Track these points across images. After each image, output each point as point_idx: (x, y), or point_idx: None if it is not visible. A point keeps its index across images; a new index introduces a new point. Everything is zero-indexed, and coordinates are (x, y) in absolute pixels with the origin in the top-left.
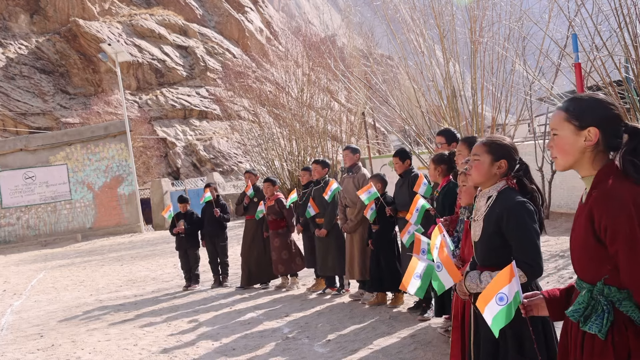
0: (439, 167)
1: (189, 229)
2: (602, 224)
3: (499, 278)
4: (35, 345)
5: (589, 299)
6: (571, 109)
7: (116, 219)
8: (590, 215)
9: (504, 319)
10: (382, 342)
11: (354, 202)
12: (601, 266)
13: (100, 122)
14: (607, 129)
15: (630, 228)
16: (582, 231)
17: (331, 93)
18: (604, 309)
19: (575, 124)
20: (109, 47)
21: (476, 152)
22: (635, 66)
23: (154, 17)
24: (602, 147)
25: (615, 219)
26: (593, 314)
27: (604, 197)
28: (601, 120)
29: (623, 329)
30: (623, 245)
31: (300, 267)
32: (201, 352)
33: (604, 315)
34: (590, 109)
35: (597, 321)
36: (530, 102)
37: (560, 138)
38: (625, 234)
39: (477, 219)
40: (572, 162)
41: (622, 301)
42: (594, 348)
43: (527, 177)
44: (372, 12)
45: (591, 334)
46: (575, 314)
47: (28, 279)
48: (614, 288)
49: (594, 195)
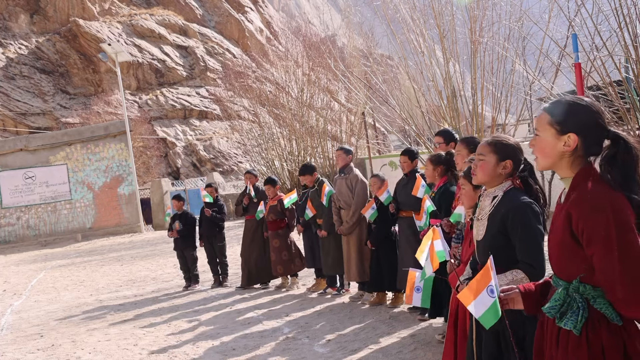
0: (437, 168)
1: (183, 231)
2: (580, 226)
3: (484, 272)
4: (35, 345)
5: (565, 296)
6: (554, 112)
7: (116, 219)
8: (569, 216)
9: (497, 312)
10: (382, 342)
11: (348, 203)
12: (577, 265)
13: (100, 122)
14: (588, 136)
15: (607, 231)
16: (560, 231)
17: (331, 93)
18: (579, 306)
19: (556, 128)
20: (109, 47)
21: (481, 152)
22: (635, 66)
23: (154, 17)
24: (581, 153)
25: (593, 222)
26: (569, 310)
27: (582, 199)
28: (582, 127)
29: (597, 325)
30: (599, 247)
31: (300, 268)
32: (201, 352)
33: (579, 312)
34: (573, 115)
35: (572, 317)
36: (530, 102)
37: (541, 140)
38: (602, 237)
39: (481, 218)
40: (550, 163)
41: (596, 298)
42: (568, 343)
43: (533, 178)
44: (372, 12)
45: (566, 330)
46: (552, 310)
47: (28, 279)
48: (589, 286)
49: (572, 197)
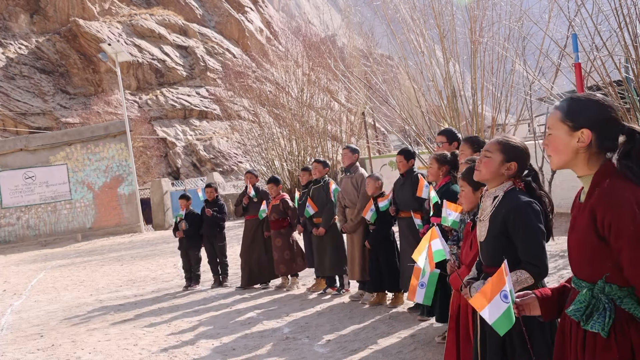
0: (442, 167)
1: (189, 231)
2: (606, 221)
3: (498, 276)
4: (35, 345)
5: (590, 298)
6: (566, 109)
7: (116, 219)
8: (593, 213)
9: (511, 317)
10: (382, 342)
11: (353, 202)
12: (602, 264)
13: (100, 122)
14: (601, 131)
15: (635, 225)
16: (584, 230)
17: (331, 93)
18: (606, 307)
19: (569, 125)
20: (109, 47)
21: (488, 149)
22: (635, 66)
23: (154, 17)
24: (596, 149)
25: (620, 216)
26: (595, 312)
27: (607, 195)
28: (595, 122)
29: (625, 327)
30: (627, 241)
31: (302, 268)
32: (201, 352)
33: (605, 314)
34: (585, 110)
35: (600, 320)
36: (530, 102)
37: (554, 137)
38: (630, 231)
39: (483, 219)
40: (565, 161)
41: (623, 299)
42: (596, 347)
43: (537, 183)
44: (372, 12)
45: (592, 333)
46: (577, 313)
47: (28, 279)
48: (615, 286)
49: (596, 194)
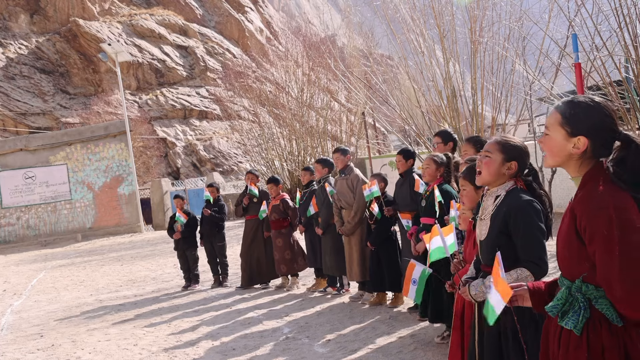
0: (440, 169)
1: (185, 232)
2: (583, 223)
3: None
4: (35, 345)
5: (567, 295)
6: (566, 113)
7: (116, 219)
8: (573, 214)
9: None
10: (382, 342)
11: (349, 204)
12: (581, 264)
13: (100, 122)
14: (598, 139)
15: (608, 230)
16: (566, 229)
17: (331, 93)
18: (581, 306)
19: (567, 130)
20: (109, 47)
21: (488, 149)
22: (635, 66)
23: (154, 17)
24: (590, 155)
25: (594, 220)
26: (570, 310)
27: (587, 198)
28: (593, 130)
29: (598, 326)
30: (600, 246)
31: (303, 267)
32: (201, 352)
33: (580, 312)
34: (585, 118)
35: (574, 317)
36: (530, 102)
37: (550, 139)
38: (603, 236)
39: (484, 217)
40: (558, 162)
41: (598, 299)
42: (569, 343)
43: (537, 182)
44: (372, 12)
45: (568, 330)
46: (554, 309)
47: (28, 279)
48: (592, 286)
49: (578, 196)
